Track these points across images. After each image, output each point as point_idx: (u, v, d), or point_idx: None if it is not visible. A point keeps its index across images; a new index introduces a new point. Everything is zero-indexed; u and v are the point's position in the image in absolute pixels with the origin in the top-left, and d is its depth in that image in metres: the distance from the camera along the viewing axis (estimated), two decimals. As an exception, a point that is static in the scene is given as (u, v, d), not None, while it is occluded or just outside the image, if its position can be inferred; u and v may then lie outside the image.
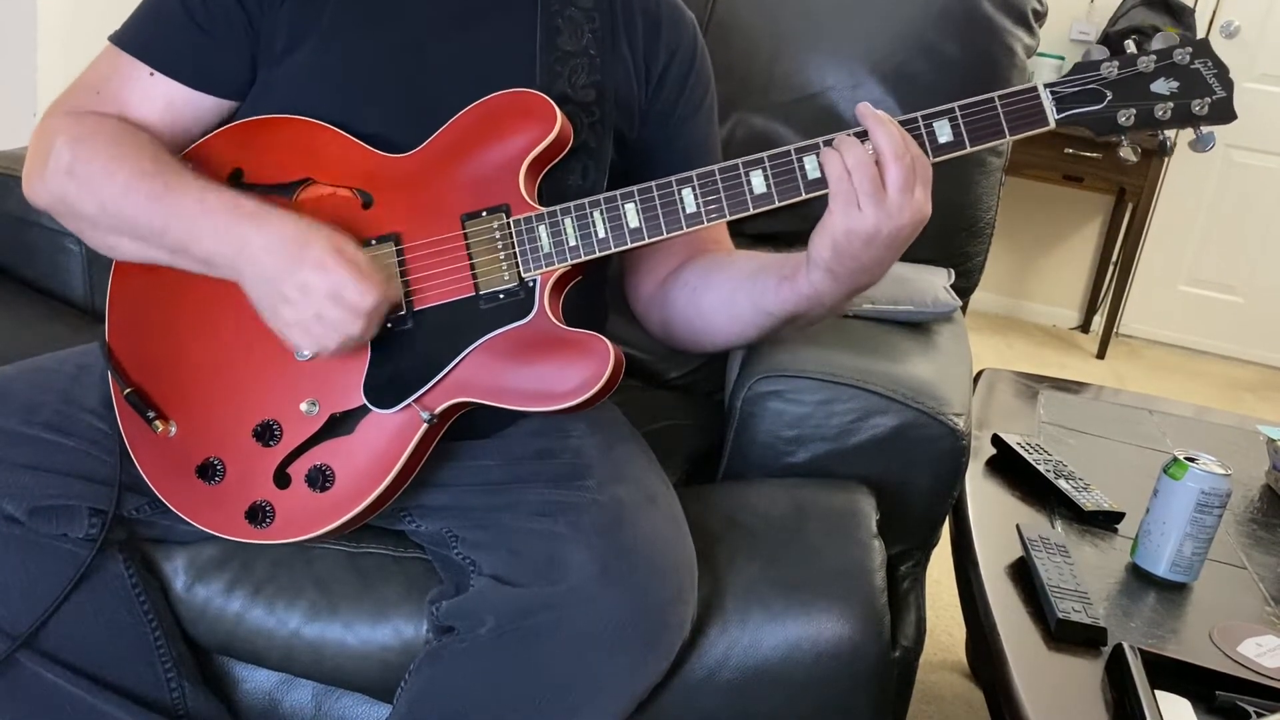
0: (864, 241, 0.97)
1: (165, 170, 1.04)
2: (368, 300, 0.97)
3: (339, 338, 0.98)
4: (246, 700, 1.18)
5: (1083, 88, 1.00)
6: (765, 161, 1.01)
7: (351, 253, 0.99)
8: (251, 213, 1.01)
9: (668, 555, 1.01)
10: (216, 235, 1.01)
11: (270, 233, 0.99)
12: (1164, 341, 4.27)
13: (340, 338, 0.98)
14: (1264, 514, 1.45)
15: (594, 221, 1.04)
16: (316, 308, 0.97)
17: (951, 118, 0.99)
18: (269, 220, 1.00)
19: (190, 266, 1.04)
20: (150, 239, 1.04)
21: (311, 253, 0.98)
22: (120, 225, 1.05)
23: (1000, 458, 1.46)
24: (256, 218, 1.00)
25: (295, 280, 0.97)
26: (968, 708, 1.80)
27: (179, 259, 1.04)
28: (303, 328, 0.99)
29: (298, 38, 1.10)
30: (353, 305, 0.97)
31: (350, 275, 0.97)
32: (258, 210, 1.01)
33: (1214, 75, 0.99)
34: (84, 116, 1.09)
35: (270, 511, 1.04)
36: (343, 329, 0.98)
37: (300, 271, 0.97)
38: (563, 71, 1.13)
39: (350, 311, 0.97)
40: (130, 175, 1.03)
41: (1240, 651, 1.07)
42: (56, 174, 1.06)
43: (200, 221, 1.01)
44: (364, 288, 0.97)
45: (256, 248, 0.99)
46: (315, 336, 0.99)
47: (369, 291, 0.97)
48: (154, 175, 1.04)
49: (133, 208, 1.03)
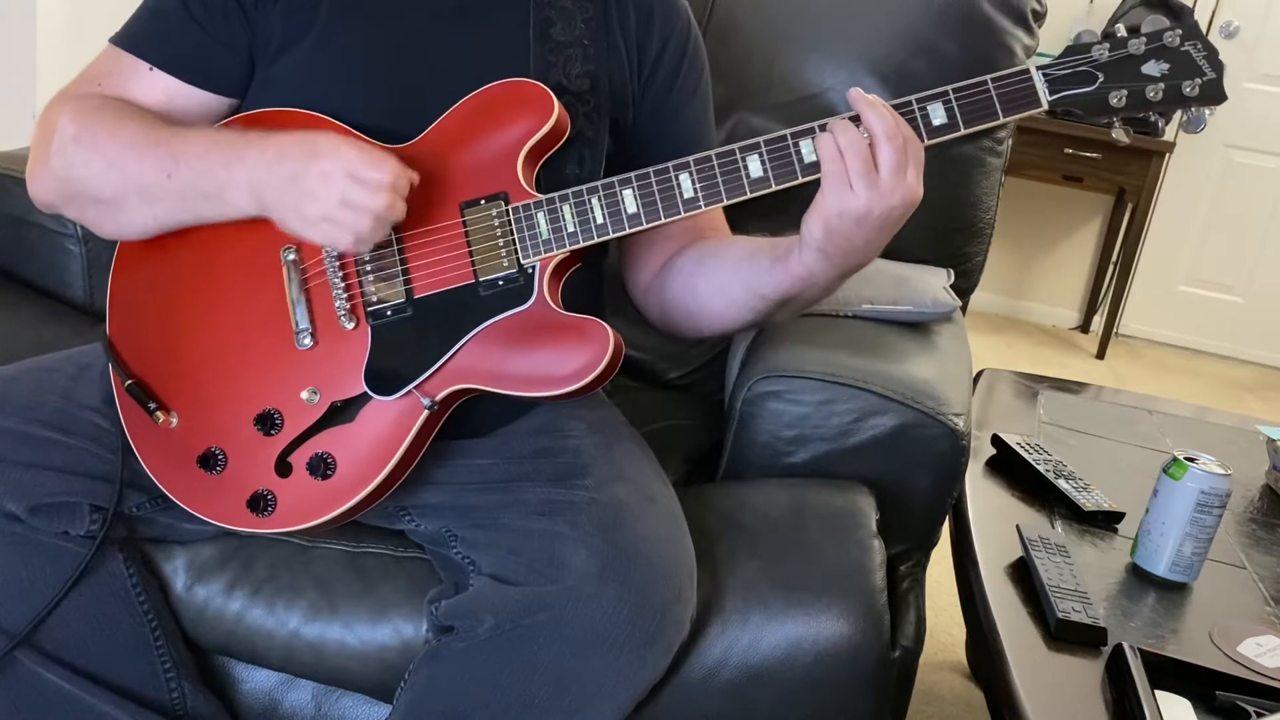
0: (855, 221, 0.98)
1: (169, 125, 1.07)
2: (386, 172, 0.98)
3: (369, 218, 0.98)
4: (246, 700, 1.18)
5: (1074, 70, 1.01)
6: (761, 146, 1.02)
7: (357, 139, 1.01)
8: (258, 136, 1.03)
9: (667, 555, 1.01)
10: (228, 165, 1.02)
11: (279, 144, 1.01)
12: (1164, 341, 4.27)
13: (370, 218, 0.98)
14: (1264, 514, 1.45)
15: (592, 208, 1.04)
16: (340, 191, 0.98)
17: (945, 100, 1.00)
18: (274, 137, 1.02)
19: (202, 209, 1.05)
20: (159, 188, 1.05)
21: (321, 144, 0.99)
22: (127, 183, 1.05)
23: (1000, 458, 1.46)
24: (263, 138, 1.03)
25: (313, 171, 0.98)
26: (967, 708, 1.80)
27: (190, 203, 1.05)
28: (331, 220, 0.99)
29: (294, 33, 1.11)
30: (373, 180, 0.98)
31: (363, 153, 0.98)
32: (263, 133, 1.03)
33: (1204, 57, 1.00)
34: (86, 97, 1.10)
35: (272, 500, 1.04)
36: (369, 205, 0.98)
37: (315, 163, 0.98)
38: (556, 62, 1.13)
39: (372, 187, 0.98)
40: (135, 130, 1.05)
41: (1240, 651, 1.07)
42: (61, 147, 1.07)
43: (212, 154, 1.03)
44: (379, 161, 0.98)
45: (271, 157, 1.01)
46: (346, 224, 0.99)
47: (384, 164, 0.98)
48: (161, 126, 1.07)
49: (140, 156, 1.04)
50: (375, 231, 1.00)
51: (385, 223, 1.00)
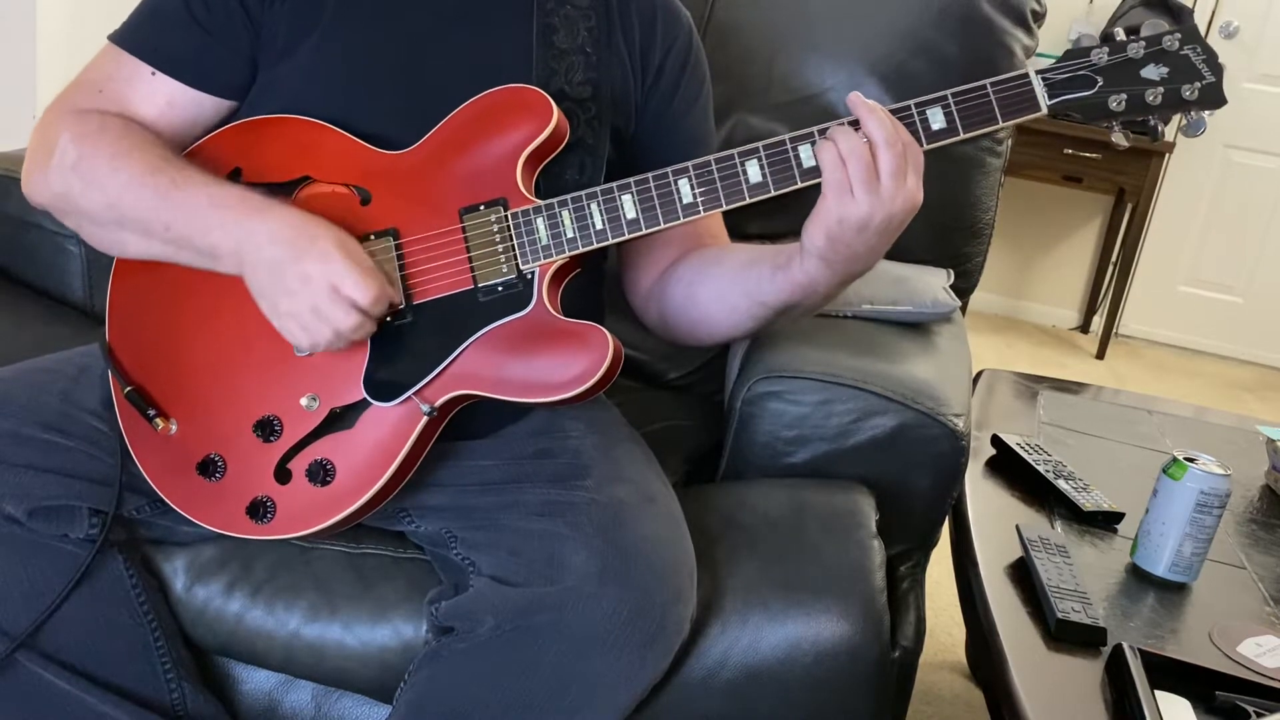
0: (857, 228, 0.98)
1: (171, 166, 1.05)
2: (366, 295, 0.98)
3: (331, 332, 0.99)
4: (246, 701, 1.18)
5: (1074, 74, 1.01)
6: (760, 151, 1.02)
7: (355, 249, 1.00)
8: (259, 206, 1.02)
9: (667, 555, 1.01)
10: (224, 228, 1.01)
11: (277, 224, 1.00)
12: (1163, 342, 4.27)
13: (332, 332, 0.99)
14: (1263, 514, 1.45)
15: (591, 213, 1.04)
16: (314, 299, 0.97)
17: (944, 105, 1.00)
18: (275, 212, 1.01)
19: (193, 260, 1.05)
20: (155, 233, 1.04)
21: (317, 245, 0.98)
22: (125, 220, 1.05)
23: (1000, 458, 1.46)
24: (264, 210, 1.01)
25: (298, 270, 0.98)
26: (967, 708, 1.80)
27: (183, 253, 1.04)
28: (298, 320, 0.99)
29: (297, 37, 1.11)
30: (350, 299, 0.98)
31: (351, 269, 0.98)
32: (265, 203, 1.02)
33: (1203, 61, 1.00)
34: (87, 114, 1.09)
35: (271, 507, 1.04)
36: (336, 323, 0.98)
37: (303, 262, 0.98)
38: (559, 69, 1.13)
39: (346, 306, 0.98)
40: (136, 171, 1.04)
41: (1240, 651, 1.07)
42: (61, 170, 1.06)
43: (208, 215, 1.02)
44: (363, 283, 0.98)
45: (263, 238, 1.00)
46: (310, 330, 0.99)
47: (368, 287, 0.98)
48: (160, 171, 1.04)
49: (139, 202, 1.03)
50: (332, 344, 1.00)
51: (347, 340, 1.00)
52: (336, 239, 0.99)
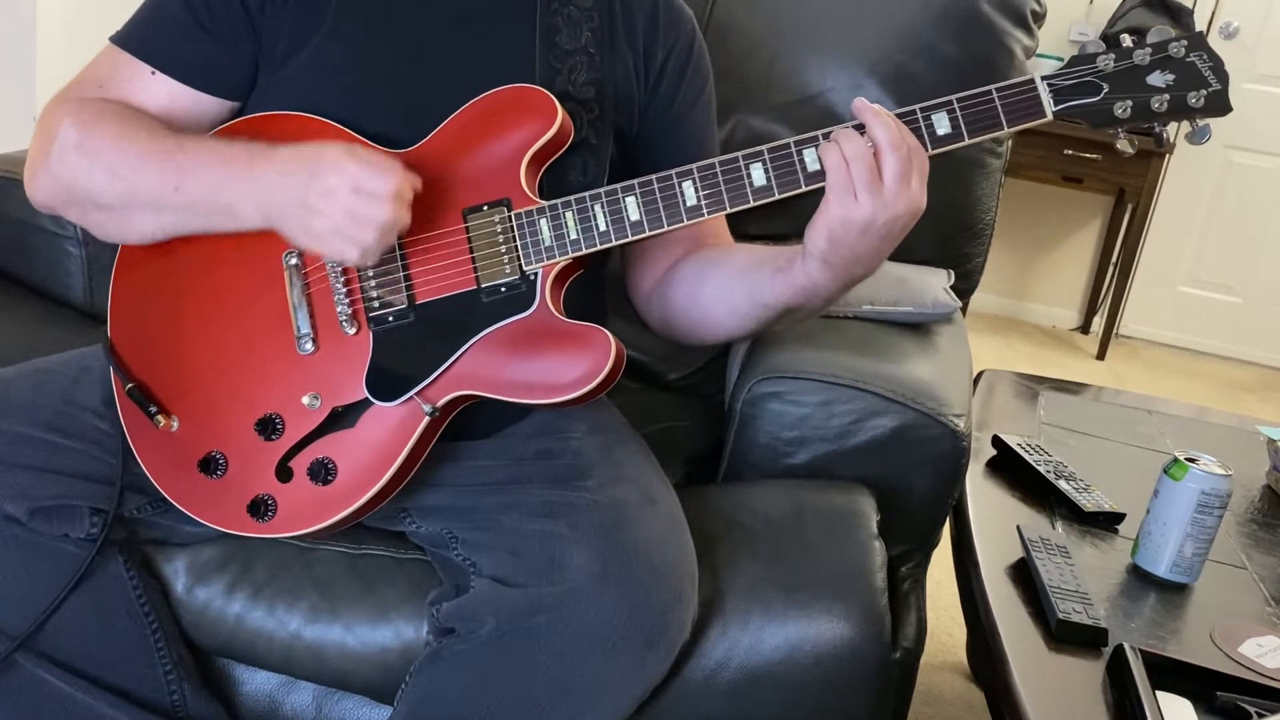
0: (859, 231, 0.98)
1: (175, 135, 1.06)
2: (390, 182, 0.98)
3: (376, 230, 0.98)
4: (247, 702, 1.18)
5: (1079, 80, 1.01)
6: (765, 154, 1.02)
7: (362, 151, 1.00)
8: (264, 152, 1.03)
9: (668, 556, 1.01)
10: (235, 182, 1.02)
11: (284, 158, 1.01)
12: (1164, 342, 4.27)
13: (377, 229, 0.98)
14: (1264, 514, 1.45)
15: (595, 214, 1.04)
16: (345, 205, 0.97)
17: (949, 110, 1.00)
18: (280, 151, 1.02)
19: (207, 221, 1.05)
20: (165, 200, 1.04)
21: (325, 159, 0.99)
22: (132, 193, 1.05)
23: (1000, 458, 1.46)
24: (269, 154, 1.02)
25: (317, 188, 0.98)
26: (968, 709, 1.80)
27: (196, 216, 1.05)
28: (339, 233, 0.99)
29: (300, 38, 1.11)
30: (377, 192, 0.97)
31: (367, 166, 0.98)
32: (269, 148, 1.03)
33: (1209, 68, 0.99)
34: (88, 102, 1.09)
35: (272, 505, 1.04)
36: (376, 217, 0.98)
37: (319, 178, 0.98)
38: (562, 69, 1.13)
39: (377, 199, 0.98)
40: (143, 139, 1.05)
41: (1241, 652, 1.07)
42: (64, 153, 1.06)
43: (218, 170, 1.03)
44: (382, 172, 0.98)
45: (275, 176, 1.00)
46: (354, 237, 0.98)
47: (388, 174, 0.98)
48: (165, 136, 1.06)
49: (146, 170, 1.04)
50: (381, 243, 1.00)
51: (391, 233, 1.00)
52: (342, 147, 1.00)
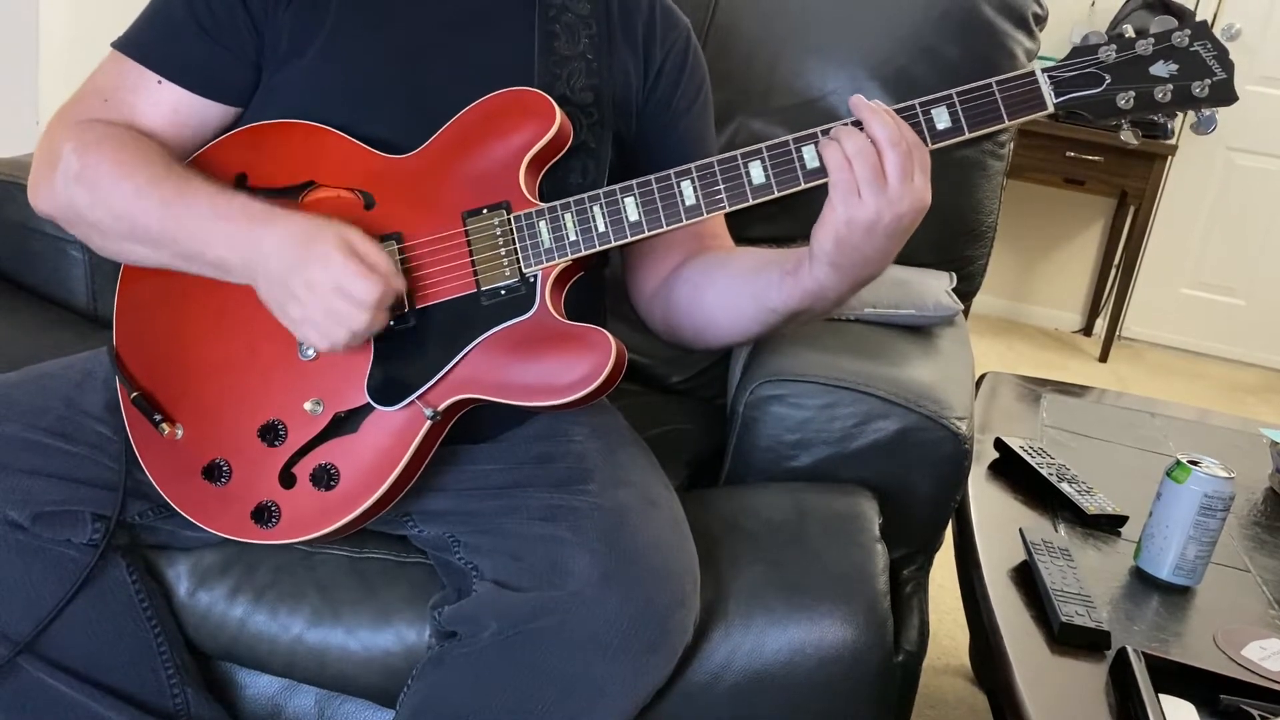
0: (865, 231, 0.97)
1: (175, 176, 1.05)
2: (372, 294, 0.98)
3: (346, 332, 0.99)
4: (249, 706, 1.18)
5: (1081, 71, 1.00)
6: (764, 152, 1.02)
7: (359, 246, 0.99)
8: (263, 216, 1.02)
9: (670, 560, 1.01)
10: (230, 241, 1.02)
11: (281, 232, 1.00)
12: (1166, 344, 4.27)
13: (347, 332, 0.99)
14: (1267, 517, 1.45)
15: (594, 216, 1.04)
16: (324, 303, 0.97)
17: (950, 104, 1.00)
18: (278, 221, 1.01)
19: (203, 271, 1.05)
20: (162, 244, 1.05)
21: (317, 249, 0.98)
22: (131, 232, 1.05)
23: (1003, 461, 1.46)
24: (268, 220, 1.01)
25: (301, 277, 0.98)
26: (971, 712, 1.80)
27: (191, 264, 1.05)
28: (311, 324, 0.99)
29: (300, 43, 1.11)
30: (358, 299, 0.97)
31: (354, 269, 0.97)
32: (268, 213, 1.02)
33: (1214, 57, 0.98)
34: (91, 124, 1.09)
35: (276, 511, 1.04)
36: (349, 323, 0.98)
37: (305, 269, 0.98)
38: (561, 74, 1.13)
39: (356, 305, 0.98)
40: (140, 182, 1.04)
41: (1244, 655, 1.06)
42: (65, 181, 1.06)
43: (213, 227, 1.02)
44: (368, 282, 0.98)
45: (269, 248, 1.00)
46: (324, 332, 0.99)
47: (374, 285, 0.98)
48: (164, 181, 1.04)
49: (144, 214, 1.04)
50: (351, 344, 1.00)
51: (363, 338, 1.01)
52: (337, 239, 0.99)
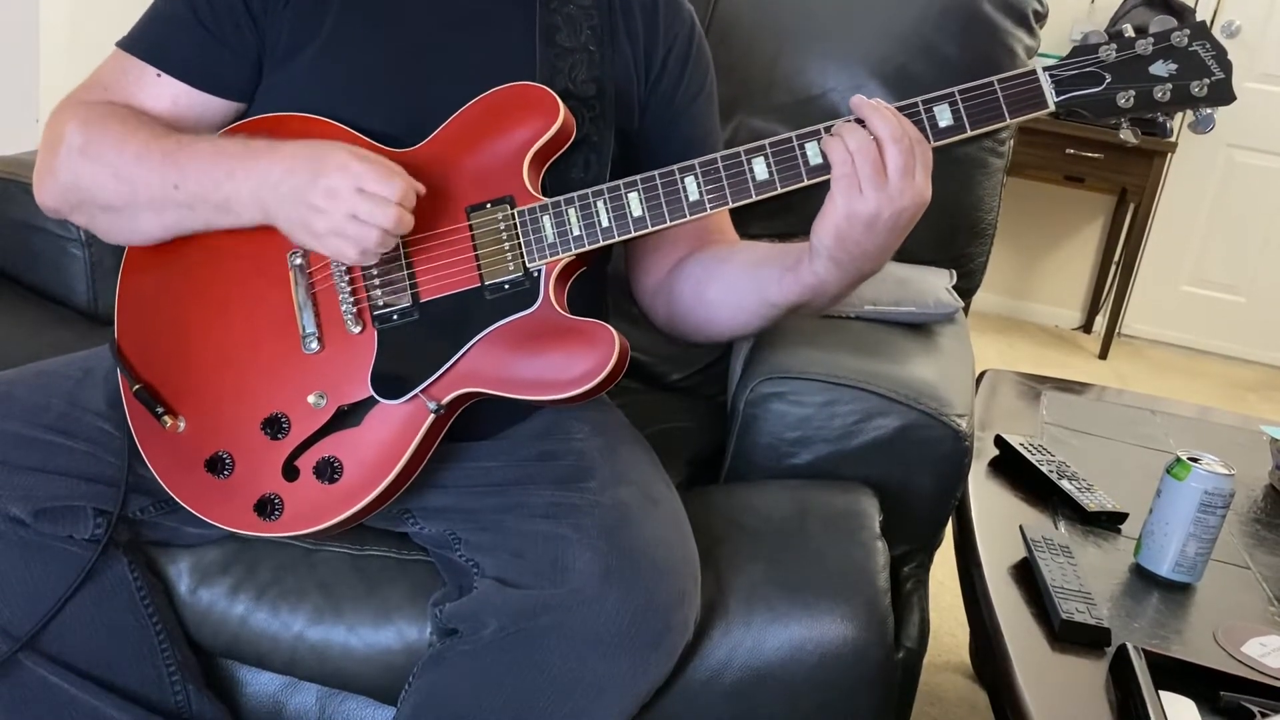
0: (865, 226, 0.98)
1: (176, 134, 1.07)
2: (394, 186, 0.98)
3: (378, 233, 0.98)
4: (250, 703, 1.18)
5: (1081, 70, 1.00)
6: (767, 148, 1.02)
7: (366, 152, 1.00)
8: (266, 147, 1.03)
9: (671, 557, 1.01)
10: (234, 177, 1.02)
11: (286, 155, 1.01)
12: (1166, 342, 4.27)
13: (379, 231, 0.98)
14: (1267, 514, 1.45)
15: (597, 211, 1.04)
16: (347, 206, 0.97)
17: (951, 102, 1.00)
18: (281, 148, 1.02)
19: (210, 218, 1.05)
20: (167, 199, 1.05)
21: (330, 158, 0.99)
22: (135, 193, 1.05)
23: (1003, 458, 1.46)
24: (271, 149, 1.02)
25: (320, 187, 0.98)
26: (971, 709, 1.80)
27: (198, 213, 1.05)
28: (339, 234, 0.99)
29: (302, 39, 1.11)
30: (381, 194, 0.98)
31: (370, 168, 0.98)
32: (271, 144, 1.03)
33: (1212, 57, 0.99)
34: (94, 104, 1.10)
35: (279, 504, 1.04)
36: (378, 220, 0.98)
37: (322, 178, 0.98)
38: (563, 67, 1.13)
39: (380, 202, 0.98)
40: (142, 141, 1.05)
41: (1244, 652, 1.07)
42: (69, 157, 1.07)
43: (217, 165, 1.03)
44: (387, 178, 0.98)
45: (277, 174, 1.00)
46: (354, 237, 0.99)
47: (392, 177, 0.98)
48: (166, 136, 1.06)
49: (147, 169, 1.04)
50: (381, 245, 1.00)
51: (392, 237, 1.00)
52: (347, 149, 1.00)
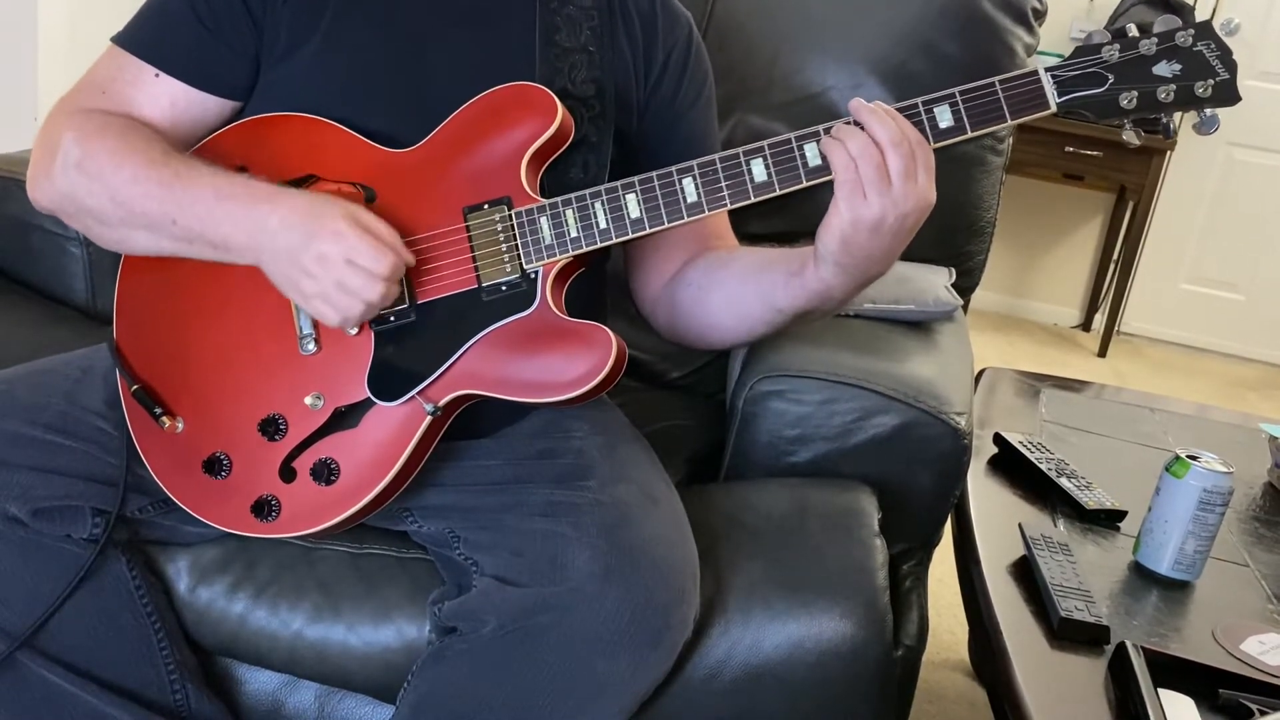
0: (870, 231, 0.98)
1: (174, 160, 1.05)
2: (384, 264, 0.98)
3: (360, 305, 0.99)
4: (249, 702, 1.18)
5: (1084, 71, 1.00)
6: (766, 150, 1.02)
7: (366, 219, 1.00)
8: (266, 194, 1.02)
9: (670, 555, 1.01)
10: (233, 219, 1.02)
11: (286, 209, 1.00)
12: (1165, 340, 4.27)
13: (362, 304, 0.99)
14: (1266, 512, 1.45)
15: (595, 212, 1.04)
16: (336, 276, 0.98)
17: (952, 103, 1.00)
18: (283, 199, 1.01)
19: (204, 253, 1.05)
20: (163, 228, 1.04)
21: (327, 223, 0.98)
22: (131, 217, 1.05)
23: (1002, 456, 1.46)
24: (271, 198, 1.01)
25: (312, 251, 0.98)
26: (970, 707, 1.80)
27: (194, 247, 1.05)
28: (325, 298, 0.99)
29: (300, 37, 1.11)
30: (370, 269, 0.98)
31: (364, 240, 0.98)
32: (272, 191, 1.02)
33: (1217, 57, 0.98)
34: (90, 114, 1.09)
35: (276, 506, 1.04)
36: (364, 295, 0.98)
37: (316, 242, 0.98)
38: (562, 68, 1.13)
39: (369, 277, 0.98)
40: (139, 165, 1.04)
41: (1243, 649, 1.07)
42: (65, 170, 1.06)
43: (215, 207, 1.02)
44: (379, 251, 0.98)
45: (274, 225, 1.00)
46: (339, 306, 0.99)
47: (384, 254, 0.98)
48: (163, 164, 1.04)
49: (143, 197, 1.04)
50: (364, 316, 1.01)
51: (375, 310, 1.01)
52: (346, 214, 0.99)
